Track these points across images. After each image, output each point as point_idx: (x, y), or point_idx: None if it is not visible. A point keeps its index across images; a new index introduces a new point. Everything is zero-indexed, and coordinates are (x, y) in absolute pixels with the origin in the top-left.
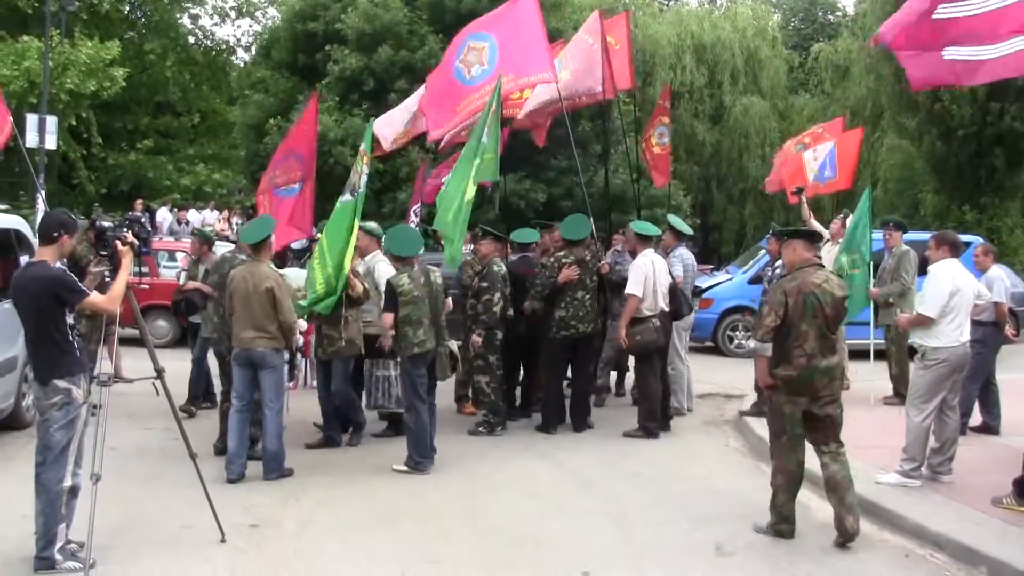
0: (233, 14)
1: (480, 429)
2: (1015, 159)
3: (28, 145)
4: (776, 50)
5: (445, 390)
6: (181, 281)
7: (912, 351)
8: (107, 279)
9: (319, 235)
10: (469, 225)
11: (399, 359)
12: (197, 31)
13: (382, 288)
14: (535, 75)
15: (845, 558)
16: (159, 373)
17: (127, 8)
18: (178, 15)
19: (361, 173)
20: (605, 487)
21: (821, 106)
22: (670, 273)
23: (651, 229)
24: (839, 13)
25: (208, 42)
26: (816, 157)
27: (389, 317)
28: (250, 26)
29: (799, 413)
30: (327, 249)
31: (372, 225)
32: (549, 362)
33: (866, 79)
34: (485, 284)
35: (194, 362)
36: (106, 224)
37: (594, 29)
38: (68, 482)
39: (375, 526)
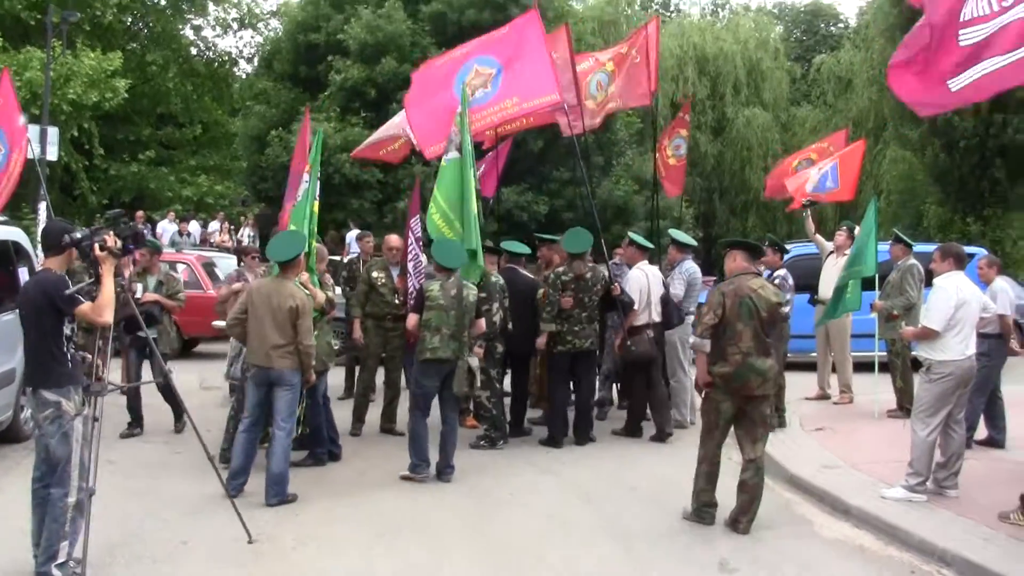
0: (235, 25)
1: (482, 443)
2: (1018, 170)
3: (29, 156)
4: (778, 62)
5: None
6: (138, 294)
7: (917, 364)
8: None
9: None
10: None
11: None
12: (199, 42)
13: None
14: (541, 97)
15: (850, 574)
16: (165, 376)
17: (129, 20)
18: (180, 27)
19: (300, 182)
20: (607, 501)
21: (823, 118)
22: (664, 284)
23: (648, 242)
24: (841, 25)
25: (210, 53)
26: (820, 169)
27: (413, 317)
28: (252, 37)
29: (732, 410)
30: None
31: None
32: (551, 376)
33: (868, 90)
34: (483, 295)
35: (160, 388)
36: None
37: (561, 44)
38: (73, 497)
39: (375, 542)
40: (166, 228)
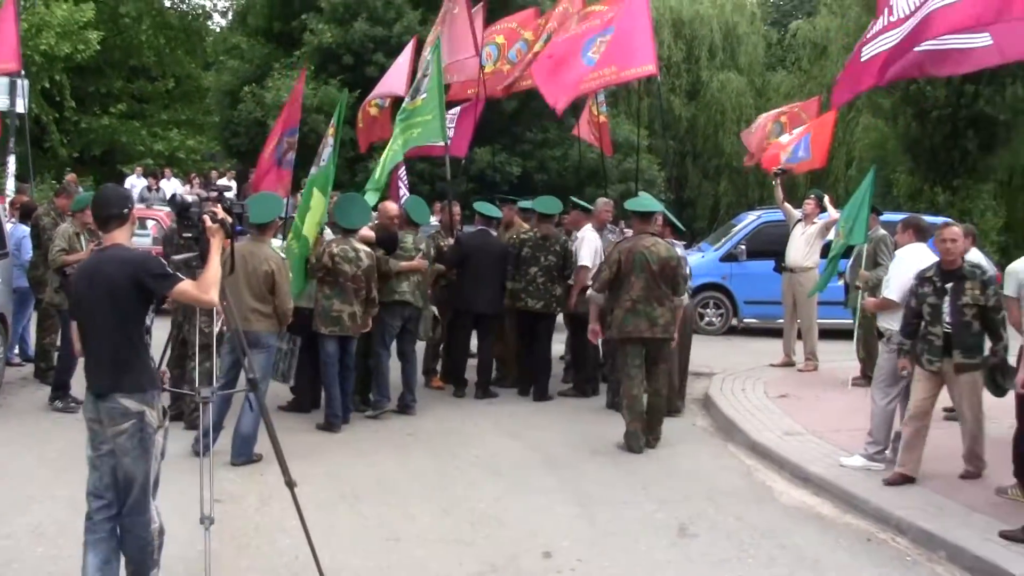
0: None
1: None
2: (988, 142)
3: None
4: (754, 26)
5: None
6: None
7: (880, 334)
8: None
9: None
10: (438, 196)
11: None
12: None
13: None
14: (638, 67)
15: (808, 540)
16: (252, 384)
17: None
18: None
19: (326, 145)
20: (570, 466)
21: (798, 83)
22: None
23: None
24: None
25: (184, 6)
26: (793, 139)
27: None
28: None
29: (636, 351)
30: (302, 226)
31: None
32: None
33: (843, 57)
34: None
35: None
36: (189, 199)
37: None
38: (157, 522)
39: (337, 502)
40: (135, 183)
